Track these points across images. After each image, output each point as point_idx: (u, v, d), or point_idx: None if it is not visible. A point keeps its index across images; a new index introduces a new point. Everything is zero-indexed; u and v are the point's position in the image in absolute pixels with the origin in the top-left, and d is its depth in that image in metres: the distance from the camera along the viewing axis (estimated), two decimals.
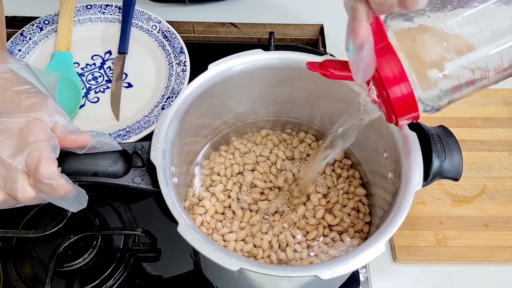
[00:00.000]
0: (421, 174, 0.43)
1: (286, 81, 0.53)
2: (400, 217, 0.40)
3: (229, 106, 0.54)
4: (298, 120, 0.58)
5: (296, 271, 0.38)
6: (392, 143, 0.46)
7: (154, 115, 0.62)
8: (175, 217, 0.41)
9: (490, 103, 0.70)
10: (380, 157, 0.49)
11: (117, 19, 0.73)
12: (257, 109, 0.57)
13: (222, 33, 0.81)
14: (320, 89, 0.52)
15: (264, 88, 0.53)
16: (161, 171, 0.43)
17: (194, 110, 0.49)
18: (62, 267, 0.54)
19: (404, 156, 0.44)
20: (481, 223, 0.59)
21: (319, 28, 0.80)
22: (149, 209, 0.61)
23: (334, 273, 0.38)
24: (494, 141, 0.66)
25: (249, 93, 0.54)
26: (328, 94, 0.52)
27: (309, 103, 0.55)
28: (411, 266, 0.57)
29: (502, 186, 0.62)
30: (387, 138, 0.47)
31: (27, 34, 0.70)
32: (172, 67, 0.67)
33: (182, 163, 0.52)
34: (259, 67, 0.51)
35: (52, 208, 0.58)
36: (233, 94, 0.52)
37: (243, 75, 0.51)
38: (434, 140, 0.46)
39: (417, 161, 0.43)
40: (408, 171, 0.43)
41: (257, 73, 0.51)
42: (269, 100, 0.55)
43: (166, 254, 0.58)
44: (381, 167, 0.50)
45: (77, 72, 0.69)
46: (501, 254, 0.57)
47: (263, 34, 0.81)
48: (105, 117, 0.64)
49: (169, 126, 0.45)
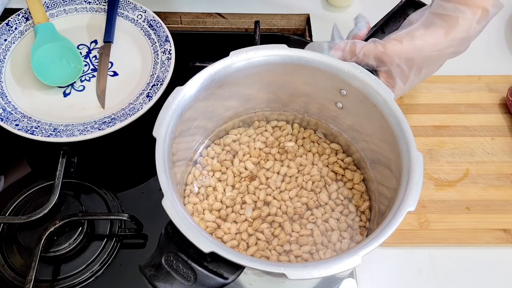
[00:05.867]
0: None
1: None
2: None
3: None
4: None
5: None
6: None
7: (139, 102, 0.62)
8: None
9: (474, 89, 0.71)
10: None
11: (102, 8, 0.73)
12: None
13: (209, 23, 0.82)
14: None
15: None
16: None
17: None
18: (48, 252, 0.54)
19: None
20: (463, 206, 0.60)
21: (305, 17, 0.81)
22: (135, 196, 0.61)
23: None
24: (477, 126, 0.67)
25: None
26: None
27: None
28: (394, 249, 0.58)
29: (484, 170, 0.63)
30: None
31: (13, 24, 0.70)
32: (157, 55, 0.67)
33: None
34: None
35: (39, 195, 0.59)
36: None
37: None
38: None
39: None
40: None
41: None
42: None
43: (152, 241, 0.58)
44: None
45: None
46: (482, 237, 0.58)
47: (250, 24, 0.81)
48: (91, 105, 0.65)
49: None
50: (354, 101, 0.51)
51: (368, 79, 0.49)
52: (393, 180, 0.46)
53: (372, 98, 0.48)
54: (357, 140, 0.55)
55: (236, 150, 0.56)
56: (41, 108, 0.64)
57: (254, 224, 0.51)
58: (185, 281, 0.38)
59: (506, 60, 0.76)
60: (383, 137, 0.49)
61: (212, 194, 0.53)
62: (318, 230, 0.51)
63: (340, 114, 0.54)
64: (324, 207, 0.53)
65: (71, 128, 0.60)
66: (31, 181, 0.61)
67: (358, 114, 0.52)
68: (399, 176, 0.44)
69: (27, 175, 0.63)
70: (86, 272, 0.55)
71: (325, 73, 0.50)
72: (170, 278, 0.38)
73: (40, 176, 0.61)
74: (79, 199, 0.59)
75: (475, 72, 0.73)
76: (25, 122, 0.61)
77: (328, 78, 0.51)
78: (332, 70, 0.50)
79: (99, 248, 0.57)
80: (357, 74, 0.49)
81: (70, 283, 0.54)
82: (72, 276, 0.55)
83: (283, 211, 0.52)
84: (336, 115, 0.55)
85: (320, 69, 0.50)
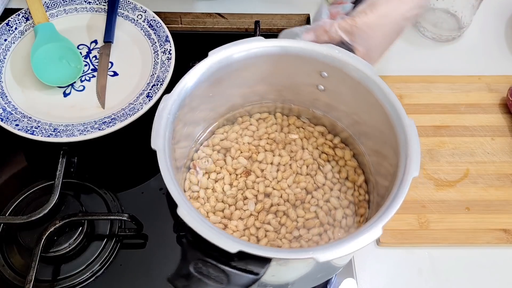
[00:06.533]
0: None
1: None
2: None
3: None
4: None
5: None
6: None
7: (139, 102, 0.62)
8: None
9: (474, 89, 0.71)
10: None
11: (102, 8, 0.73)
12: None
13: (209, 23, 0.82)
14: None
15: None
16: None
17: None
18: (48, 252, 0.54)
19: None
20: (463, 206, 0.60)
21: (305, 17, 0.81)
22: (136, 196, 0.61)
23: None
24: (477, 126, 0.67)
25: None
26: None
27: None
28: (394, 249, 0.58)
29: (484, 170, 0.63)
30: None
31: (13, 24, 0.70)
32: (157, 55, 0.67)
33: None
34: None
35: (39, 195, 0.59)
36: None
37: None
38: None
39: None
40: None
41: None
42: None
43: (152, 241, 0.58)
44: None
45: None
46: (482, 237, 0.58)
47: (250, 24, 0.81)
48: (91, 106, 0.65)
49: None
50: (336, 81, 0.52)
51: (347, 58, 0.50)
52: (387, 149, 0.48)
53: (354, 75, 0.49)
54: (341, 118, 0.56)
55: (227, 148, 0.56)
56: (41, 108, 0.64)
57: (259, 217, 0.52)
58: (218, 284, 0.38)
59: (506, 60, 0.76)
60: (371, 112, 0.50)
61: (212, 196, 0.53)
62: (322, 211, 0.52)
63: (321, 96, 0.55)
64: (322, 188, 0.54)
65: (71, 128, 0.60)
66: (31, 181, 0.61)
67: (341, 93, 0.53)
68: (396, 145, 0.45)
69: (27, 175, 0.63)
70: (86, 272, 0.55)
71: (304, 59, 0.51)
72: (204, 285, 0.38)
73: (40, 176, 0.61)
74: (79, 199, 0.59)
75: (475, 72, 0.73)
76: (25, 122, 0.61)
77: (308, 63, 0.51)
78: (312, 54, 0.51)
79: (99, 248, 0.57)
80: (336, 54, 0.50)
81: (70, 283, 0.54)
82: (72, 276, 0.55)
83: (284, 199, 0.53)
84: (318, 97, 0.56)
85: (300, 56, 0.51)
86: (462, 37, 0.79)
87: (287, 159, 0.56)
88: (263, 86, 0.56)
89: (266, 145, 0.57)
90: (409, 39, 0.78)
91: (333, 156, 0.56)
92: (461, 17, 0.76)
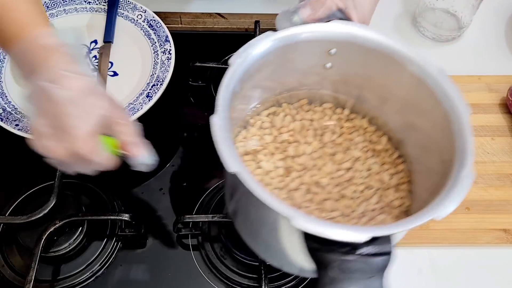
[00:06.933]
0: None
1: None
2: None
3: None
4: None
5: (418, 220, 0.39)
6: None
7: (139, 102, 0.62)
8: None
9: (474, 89, 0.71)
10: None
11: (102, 8, 0.73)
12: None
13: (209, 23, 0.82)
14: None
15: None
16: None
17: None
18: (48, 252, 0.54)
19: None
20: (464, 206, 0.60)
21: None
22: (136, 196, 0.62)
23: (448, 211, 0.39)
24: (477, 126, 0.67)
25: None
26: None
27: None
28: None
29: (484, 170, 0.63)
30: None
31: None
32: (157, 55, 0.68)
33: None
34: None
35: (39, 195, 0.59)
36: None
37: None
38: None
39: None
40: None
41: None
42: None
43: (152, 241, 0.58)
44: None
45: None
46: (482, 237, 0.58)
47: (250, 24, 0.81)
48: None
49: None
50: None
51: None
52: (433, 131, 0.49)
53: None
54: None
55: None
56: None
57: (323, 208, 0.50)
58: (365, 276, 0.37)
59: (506, 60, 0.76)
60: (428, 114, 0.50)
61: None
62: (371, 178, 0.52)
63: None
64: (359, 159, 0.53)
65: None
66: (31, 181, 0.61)
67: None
68: (448, 128, 0.47)
69: (27, 175, 0.63)
70: (86, 272, 0.55)
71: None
72: (354, 283, 0.37)
73: (40, 176, 0.61)
74: (79, 199, 0.59)
75: (475, 72, 0.73)
76: (25, 122, 0.61)
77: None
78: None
79: (99, 248, 0.57)
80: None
81: (70, 283, 0.54)
82: (72, 276, 0.55)
83: (334, 184, 0.52)
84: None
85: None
86: (462, 37, 0.79)
87: (317, 145, 0.54)
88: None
89: (290, 137, 0.55)
90: (409, 39, 0.78)
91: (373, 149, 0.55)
92: (461, 17, 0.76)
